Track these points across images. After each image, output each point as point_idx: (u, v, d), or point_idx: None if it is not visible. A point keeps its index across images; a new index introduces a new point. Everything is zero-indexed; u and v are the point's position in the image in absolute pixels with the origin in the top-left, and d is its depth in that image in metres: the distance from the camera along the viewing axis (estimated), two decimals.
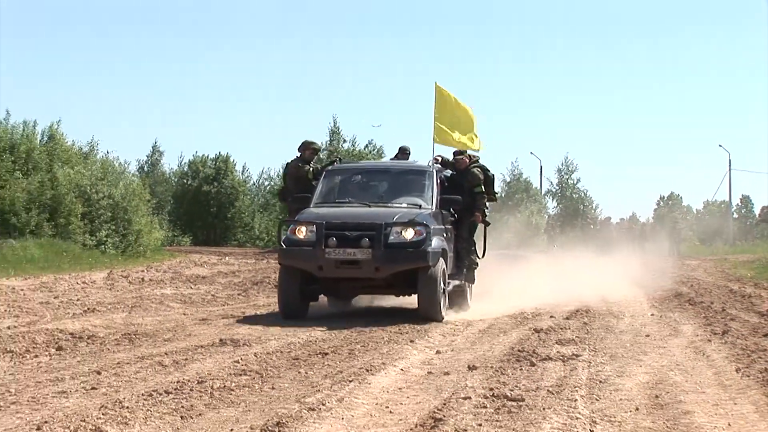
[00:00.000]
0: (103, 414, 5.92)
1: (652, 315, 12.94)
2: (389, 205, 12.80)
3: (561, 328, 10.90)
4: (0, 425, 5.69)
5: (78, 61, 71.11)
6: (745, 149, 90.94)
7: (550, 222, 49.98)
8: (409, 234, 11.81)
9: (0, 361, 8.23)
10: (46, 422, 5.67)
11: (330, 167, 13.70)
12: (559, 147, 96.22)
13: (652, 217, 58.05)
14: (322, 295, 13.02)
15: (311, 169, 13.66)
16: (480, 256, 14.22)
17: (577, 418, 6.02)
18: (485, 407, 6.32)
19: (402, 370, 7.95)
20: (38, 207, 24.54)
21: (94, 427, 5.60)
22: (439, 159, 13.94)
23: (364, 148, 42.75)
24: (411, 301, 12.44)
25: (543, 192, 55.09)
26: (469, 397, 6.59)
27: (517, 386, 7.06)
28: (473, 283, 14.22)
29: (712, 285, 19.06)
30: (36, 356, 8.58)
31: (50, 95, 63.34)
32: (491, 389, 6.88)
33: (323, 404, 6.28)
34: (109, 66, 70.28)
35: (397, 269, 11.82)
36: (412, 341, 9.71)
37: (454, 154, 14.01)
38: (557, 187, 55.92)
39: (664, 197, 66.81)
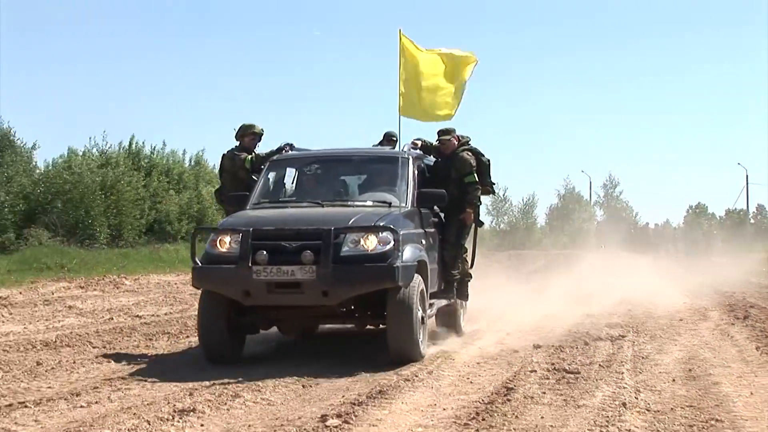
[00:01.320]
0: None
1: (684, 303, 15.42)
2: (349, 203, 9.77)
3: (609, 314, 13.45)
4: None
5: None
6: (761, 166, 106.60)
7: (598, 227, 58.04)
8: (370, 243, 8.72)
9: (160, 340, 10.93)
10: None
11: (275, 157, 10.46)
12: (605, 164, 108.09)
13: (682, 223, 66.81)
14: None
15: (250, 158, 10.63)
16: (469, 264, 11.26)
17: (623, 388, 7.40)
18: (548, 378, 7.84)
19: (479, 348, 9.97)
20: (187, 218, 31.90)
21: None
22: (419, 144, 10.84)
23: None
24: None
25: (592, 203, 65.24)
26: (535, 371, 8.20)
27: (574, 361, 8.76)
28: (466, 300, 11.21)
29: (734, 278, 22.05)
30: (187, 336, 11.17)
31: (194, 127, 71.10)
32: (552, 364, 8.58)
33: (416, 376, 8.01)
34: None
35: (354, 292, 8.74)
36: (487, 324, 12.09)
37: (439, 134, 10.88)
38: (603, 199, 67.23)
39: (692, 206, 73.04)
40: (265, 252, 8.60)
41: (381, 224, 8.80)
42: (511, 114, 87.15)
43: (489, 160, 11.01)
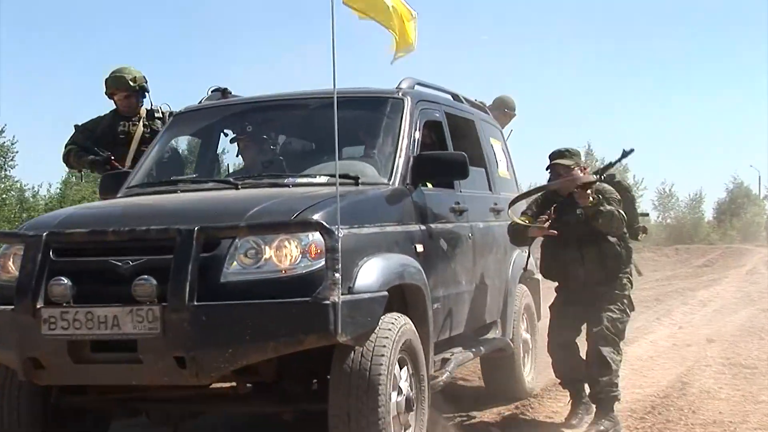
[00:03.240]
0: None
1: None
2: (287, 182, 5.46)
3: None
4: None
5: None
6: None
7: None
8: (284, 255, 4.45)
9: None
10: None
11: (181, 111, 6.16)
12: None
13: None
14: None
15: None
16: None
17: None
18: (724, 373, 7.87)
19: (651, 342, 10.01)
20: None
21: None
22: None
23: None
24: None
25: (762, 197, 63.81)
26: (710, 365, 8.24)
27: (750, 356, 8.79)
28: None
29: None
30: None
31: None
32: (728, 358, 8.62)
33: None
34: None
35: (242, 361, 4.41)
36: (658, 318, 11.91)
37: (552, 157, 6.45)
38: None
39: None
40: (65, 279, 4.29)
41: (308, 217, 4.44)
42: (679, 111, 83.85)
43: (629, 188, 6.81)
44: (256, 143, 6.12)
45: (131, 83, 7.29)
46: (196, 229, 4.32)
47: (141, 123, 7.33)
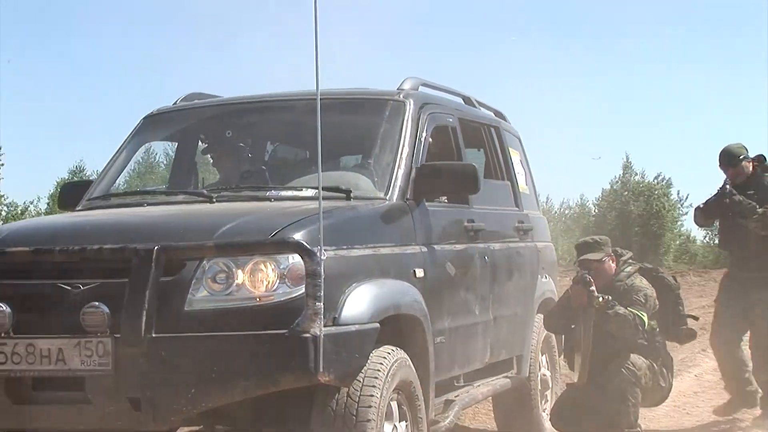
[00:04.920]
0: None
1: None
2: (269, 195, 5.05)
3: None
4: None
5: None
6: None
7: None
8: (257, 279, 4.04)
9: None
10: None
11: (153, 112, 5.78)
12: None
13: None
14: None
15: None
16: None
17: None
18: None
19: (696, 376, 9.73)
20: None
21: None
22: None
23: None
24: None
25: None
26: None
27: None
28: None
29: None
30: None
31: None
32: None
33: None
34: None
35: (209, 403, 3.99)
36: (703, 350, 10.40)
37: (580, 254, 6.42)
38: None
39: None
40: (3, 305, 3.97)
41: (287, 237, 4.02)
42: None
43: None
44: (236, 150, 5.71)
45: None
46: (155, 248, 3.94)
47: None
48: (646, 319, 5.97)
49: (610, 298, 5.97)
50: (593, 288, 5.93)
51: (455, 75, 68.94)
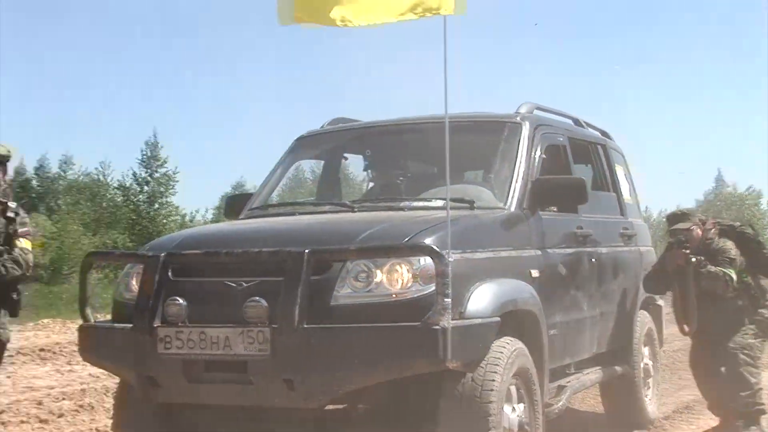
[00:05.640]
0: None
1: None
2: (402, 206, 5.09)
3: None
4: None
5: None
6: None
7: None
8: (395, 279, 4.08)
9: None
10: None
11: (304, 135, 5.87)
12: None
13: None
14: None
15: None
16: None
17: None
18: None
19: None
20: None
21: None
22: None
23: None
24: None
25: None
26: None
27: None
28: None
29: None
30: None
31: None
32: None
33: None
34: None
35: (351, 384, 4.06)
36: None
37: (670, 221, 6.41)
38: None
39: None
40: (180, 299, 4.03)
41: (419, 242, 4.06)
42: None
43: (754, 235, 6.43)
44: (376, 167, 5.83)
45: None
46: (306, 251, 4.02)
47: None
48: (734, 275, 5.95)
49: (702, 258, 5.97)
50: (688, 251, 5.94)
51: (568, 96, 68.27)
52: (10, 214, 5.03)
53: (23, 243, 5.03)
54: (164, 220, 36.86)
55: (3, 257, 4.94)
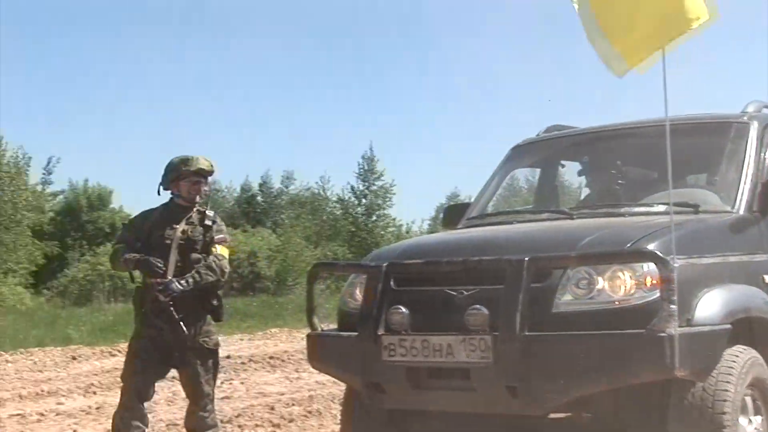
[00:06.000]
0: None
1: None
2: (622, 211, 4.98)
3: None
4: None
5: None
6: None
7: None
8: (616, 285, 3.98)
9: None
10: None
11: (519, 144, 5.84)
12: None
13: None
14: None
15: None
16: None
17: None
18: None
19: None
20: None
21: None
22: None
23: None
24: None
25: None
26: None
27: None
28: None
29: None
30: None
31: None
32: None
33: None
34: None
35: (576, 391, 3.99)
36: None
37: None
38: None
39: None
40: (403, 308, 4.12)
41: (642, 247, 3.97)
42: None
43: None
44: (593, 173, 5.71)
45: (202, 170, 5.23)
46: (526, 259, 4.00)
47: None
48: None
49: None
50: None
51: None
52: (208, 222, 5.18)
53: (219, 250, 5.15)
54: (382, 232, 37.78)
55: (198, 264, 5.07)
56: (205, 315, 5.13)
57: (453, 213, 5.97)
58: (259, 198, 44.91)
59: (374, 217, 38.30)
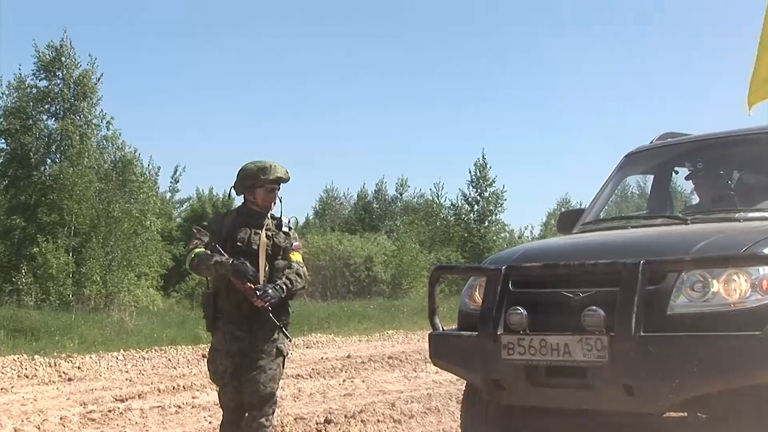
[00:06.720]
0: None
1: None
2: (736, 216, 4.99)
3: None
4: None
5: None
6: None
7: None
8: (732, 288, 4.02)
9: None
10: None
11: (633, 151, 5.92)
12: None
13: None
14: None
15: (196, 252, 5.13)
16: None
17: None
18: None
19: None
20: None
21: None
22: None
23: None
24: None
25: None
26: None
27: None
28: None
29: None
30: None
31: None
32: None
33: None
34: None
35: (693, 391, 4.03)
36: None
37: None
38: None
39: None
40: (521, 309, 4.26)
41: (758, 251, 4.07)
42: None
43: None
44: (708, 179, 5.71)
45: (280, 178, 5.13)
46: (641, 262, 4.08)
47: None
48: None
49: None
50: None
51: None
52: (285, 229, 5.14)
53: (296, 257, 5.12)
54: (494, 237, 37.71)
55: (287, 270, 5.03)
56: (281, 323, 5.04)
57: (567, 218, 6.05)
58: (374, 205, 45.55)
59: (486, 223, 38.27)
